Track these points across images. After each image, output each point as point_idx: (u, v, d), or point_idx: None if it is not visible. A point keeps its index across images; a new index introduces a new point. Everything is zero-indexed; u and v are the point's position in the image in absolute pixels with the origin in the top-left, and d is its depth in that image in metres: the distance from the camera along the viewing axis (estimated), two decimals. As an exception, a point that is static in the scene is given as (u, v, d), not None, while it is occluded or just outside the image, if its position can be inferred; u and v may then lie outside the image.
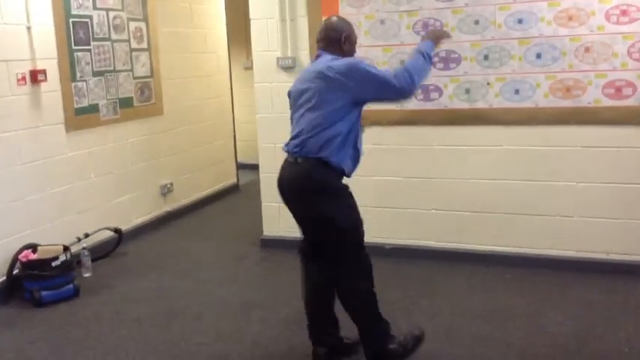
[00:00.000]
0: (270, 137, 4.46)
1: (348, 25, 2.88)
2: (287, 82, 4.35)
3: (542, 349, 3.01)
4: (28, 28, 4.00)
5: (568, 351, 2.98)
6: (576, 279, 3.79)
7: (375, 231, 4.31)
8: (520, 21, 3.76)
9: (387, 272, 4.06)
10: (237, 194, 6.50)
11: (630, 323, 3.23)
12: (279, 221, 4.54)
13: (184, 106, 5.67)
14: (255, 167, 4.78)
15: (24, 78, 3.98)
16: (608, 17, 3.60)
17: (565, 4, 3.66)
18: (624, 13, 3.56)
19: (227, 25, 6.34)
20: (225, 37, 6.35)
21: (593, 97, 3.71)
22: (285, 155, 2.85)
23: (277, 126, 4.36)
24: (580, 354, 2.95)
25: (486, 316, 3.38)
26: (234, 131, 6.67)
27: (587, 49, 3.67)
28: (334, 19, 2.91)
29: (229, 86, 6.52)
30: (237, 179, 6.68)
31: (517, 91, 3.85)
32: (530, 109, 3.85)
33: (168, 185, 5.46)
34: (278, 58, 4.38)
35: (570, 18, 3.66)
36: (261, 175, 4.62)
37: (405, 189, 4.25)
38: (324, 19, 2.87)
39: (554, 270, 3.90)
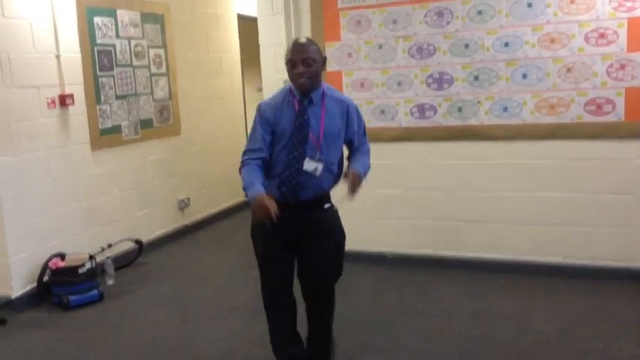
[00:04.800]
0: (279, 154, 4.78)
1: None
2: (294, 103, 4.69)
3: (526, 345, 3.27)
4: (57, 57, 4.39)
5: (549, 346, 3.24)
6: (564, 283, 4.03)
7: (377, 241, 4.62)
8: (506, 44, 4.07)
9: (387, 279, 4.36)
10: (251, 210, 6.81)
11: (609, 322, 3.47)
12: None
13: (201, 126, 6.04)
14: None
15: (53, 102, 4.37)
16: (587, 40, 3.88)
17: (547, 29, 3.96)
18: (602, 35, 3.85)
19: (240, 49, 6.73)
20: (239, 61, 6.74)
21: (575, 113, 3.99)
22: None
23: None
24: (560, 349, 3.20)
25: (476, 318, 3.64)
26: (248, 150, 7.00)
27: (569, 70, 3.96)
28: None
29: (243, 107, 6.90)
30: (251, 195, 6.99)
31: (505, 109, 4.14)
32: (518, 126, 4.13)
33: (186, 200, 5.81)
34: (285, 81, 4.72)
35: (552, 41, 3.96)
36: (271, 189, 4.93)
37: (404, 201, 4.54)
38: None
39: (543, 275, 4.15)
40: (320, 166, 2.74)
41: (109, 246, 4.69)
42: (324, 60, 2.81)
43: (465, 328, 3.51)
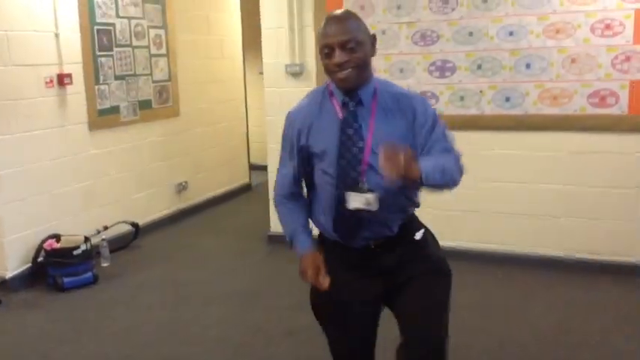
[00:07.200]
0: (279, 139, 4.73)
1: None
2: (295, 88, 4.65)
3: (522, 338, 3.25)
4: (56, 35, 4.33)
5: (546, 340, 3.22)
6: (562, 277, 4.01)
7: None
8: (511, 33, 4.00)
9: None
10: (249, 194, 6.79)
11: (606, 317, 3.46)
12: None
13: (200, 108, 5.98)
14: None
15: (51, 81, 4.32)
16: (593, 30, 3.82)
17: (553, 18, 3.89)
18: (608, 27, 3.78)
19: (242, 32, 6.66)
20: (240, 43, 6.67)
21: (578, 105, 3.94)
22: None
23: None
24: (556, 342, 3.19)
25: (473, 309, 3.62)
26: (248, 133, 6.97)
27: (573, 60, 3.90)
28: None
29: (243, 90, 6.84)
30: (250, 179, 6.98)
31: (508, 99, 4.09)
32: (520, 116, 4.08)
33: (183, 183, 5.77)
34: (286, 65, 4.67)
35: (558, 31, 3.90)
36: (270, 174, 4.89)
37: (403, 189, 4.50)
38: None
39: (542, 268, 4.12)
40: (372, 197, 1.90)
41: (105, 228, 4.66)
42: (372, 40, 1.95)
43: (461, 320, 3.44)
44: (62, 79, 4.37)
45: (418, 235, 2.08)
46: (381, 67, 4.37)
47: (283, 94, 4.72)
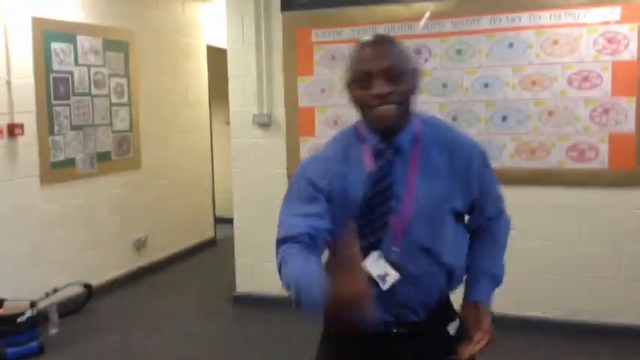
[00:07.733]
0: (246, 192, 4.50)
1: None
2: (262, 139, 4.44)
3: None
4: (8, 82, 4.07)
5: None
6: (542, 339, 3.79)
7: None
8: (486, 85, 3.89)
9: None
10: (214, 249, 6.46)
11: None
12: (252, 278, 4.53)
13: (163, 159, 5.71)
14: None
15: (1, 131, 4.03)
16: (570, 82, 3.73)
17: (529, 70, 3.80)
18: (586, 79, 3.70)
19: (209, 80, 6.47)
20: (207, 92, 6.48)
21: (557, 159, 3.81)
22: None
23: (252, 181, 4.44)
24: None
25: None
26: (213, 185, 6.70)
27: (550, 113, 3.79)
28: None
29: (209, 140, 6.61)
30: (215, 234, 6.67)
31: (484, 152, 3.94)
32: (497, 170, 3.89)
33: (143, 239, 5.43)
34: (254, 115, 4.47)
35: (534, 83, 3.79)
36: (236, 229, 4.62)
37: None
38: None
39: (523, 330, 3.88)
40: (392, 275, 1.50)
41: (55, 291, 4.27)
42: (418, 74, 1.59)
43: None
44: (13, 130, 4.09)
45: (452, 329, 1.61)
46: (352, 119, 4.19)
47: (251, 145, 4.50)
